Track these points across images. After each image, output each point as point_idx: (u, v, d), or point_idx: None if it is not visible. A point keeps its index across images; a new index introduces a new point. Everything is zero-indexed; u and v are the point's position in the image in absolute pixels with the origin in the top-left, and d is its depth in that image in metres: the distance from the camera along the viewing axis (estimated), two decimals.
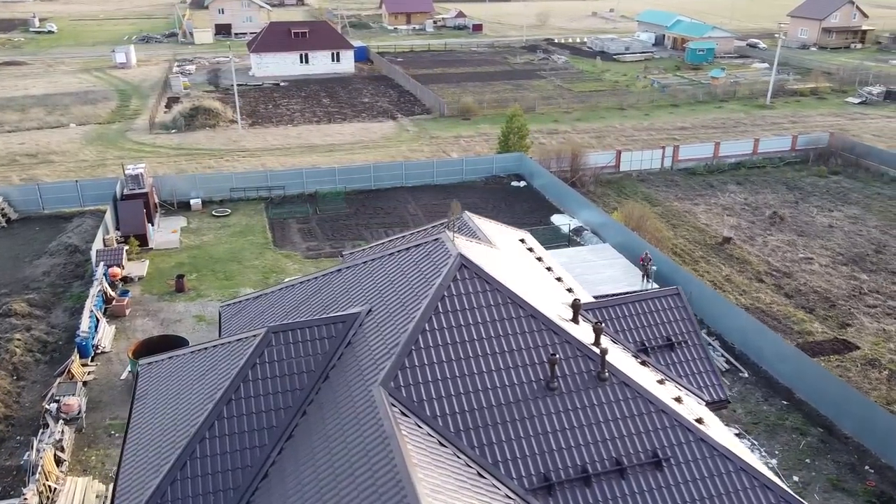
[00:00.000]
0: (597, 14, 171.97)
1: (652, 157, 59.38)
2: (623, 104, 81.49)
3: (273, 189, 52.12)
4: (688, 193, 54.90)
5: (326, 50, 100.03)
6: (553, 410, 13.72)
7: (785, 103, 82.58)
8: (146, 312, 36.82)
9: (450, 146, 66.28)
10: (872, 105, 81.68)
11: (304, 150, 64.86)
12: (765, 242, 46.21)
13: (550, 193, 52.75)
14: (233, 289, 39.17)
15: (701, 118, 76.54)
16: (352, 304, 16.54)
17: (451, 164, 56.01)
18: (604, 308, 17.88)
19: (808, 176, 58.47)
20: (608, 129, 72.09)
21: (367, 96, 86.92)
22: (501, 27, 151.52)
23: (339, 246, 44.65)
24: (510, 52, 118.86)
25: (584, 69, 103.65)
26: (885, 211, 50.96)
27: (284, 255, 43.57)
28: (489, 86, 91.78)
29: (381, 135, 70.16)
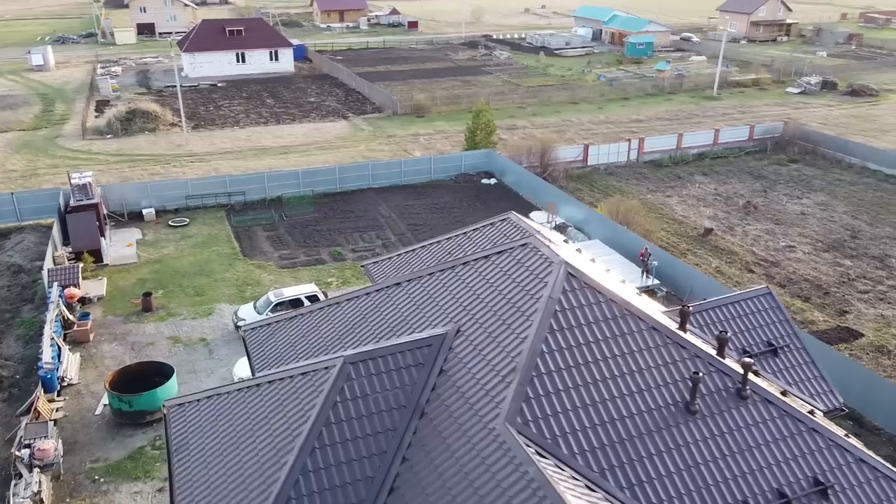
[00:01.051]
0: (529, 10, 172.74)
1: (619, 150, 58.82)
2: (575, 98, 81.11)
3: (233, 195, 48.64)
4: (658, 186, 54.50)
5: (264, 48, 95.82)
6: (699, 437, 11.95)
7: (730, 94, 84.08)
8: (113, 336, 33.14)
9: (410, 145, 63.99)
10: (811, 94, 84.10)
11: (257, 153, 61.26)
12: (745, 232, 46.08)
13: (525, 190, 51.28)
14: (206, 305, 35.88)
15: (654, 110, 76.87)
16: (428, 323, 14.30)
17: (418, 164, 53.78)
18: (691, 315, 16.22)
19: (769, 165, 59.14)
20: (566, 124, 71.36)
21: (312, 95, 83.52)
22: (436, 24, 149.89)
23: (313, 253, 41.88)
24: (451, 49, 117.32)
25: (528, 64, 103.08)
26: (850, 197, 51.84)
27: (256, 265, 40.42)
28: (436, 82, 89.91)
29: (336, 134, 67.19)
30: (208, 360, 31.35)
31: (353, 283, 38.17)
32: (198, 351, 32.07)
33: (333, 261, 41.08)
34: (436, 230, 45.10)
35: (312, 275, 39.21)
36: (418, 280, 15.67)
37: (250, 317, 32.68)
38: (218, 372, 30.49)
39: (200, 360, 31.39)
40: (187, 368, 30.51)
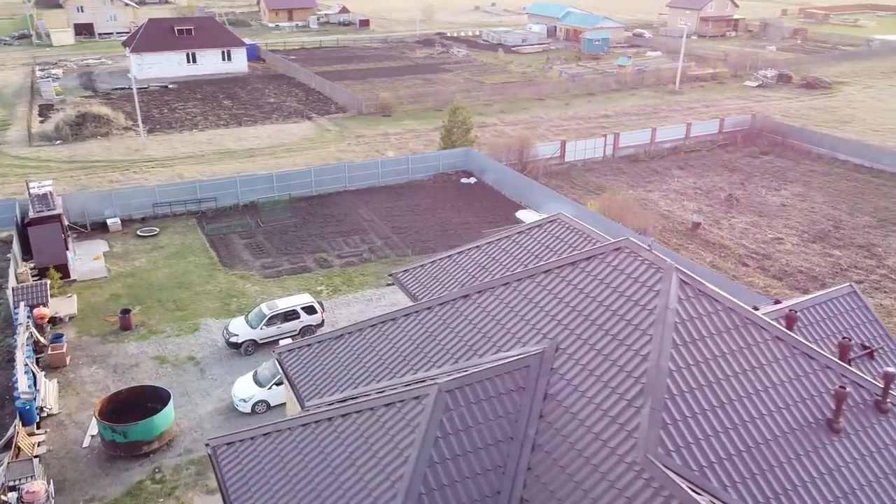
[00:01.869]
0: (479, 8, 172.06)
1: (595, 145, 58.26)
2: (540, 95, 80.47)
3: (203, 202, 45.96)
4: (637, 181, 54.10)
5: (216, 48, 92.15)
6: (848, 459, 10.80)
7: (691, 89, 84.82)
8: (91, 359, 30.46)
9: (381, 145, 62.09)
10: (769, 88, 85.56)
11: (222, 157, 58.41)
12: (731, 225, 45.94)
13: (508, 188, 50.09)
14: (190, 320, 33.45)
15: (620, 105, 76.84)
16: (515, 340, 12.79)
17: (396, 164, 52.00)
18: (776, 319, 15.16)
19: (741, 157, 59.49)
20: (535, 120, 70.56)
21: (271, 96, 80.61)
22: (388, 22, 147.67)
23: (297, 261, 39.75)
24: (407, 47, 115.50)
25: (487, 61, 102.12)
26: (825, 188, 52.41)
27: (238, 275, 38.05)
28: (397, 81, 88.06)
29: (302, 136, 64.75)
30: (201, 381, 29.05)
31: (344, 292, 36.29)
32: (188, 371, 29.71)
33: (320, 268, 39.04)
34: (423, 233, 43.54)
35: (300, 284, 37.11)
36: (491, 291, 14.13)
37: (243, 332, 30.52)
38: (214, 393, 28.24)
39: (192, 381, 29.07)
40: (179, 391, 28.17)
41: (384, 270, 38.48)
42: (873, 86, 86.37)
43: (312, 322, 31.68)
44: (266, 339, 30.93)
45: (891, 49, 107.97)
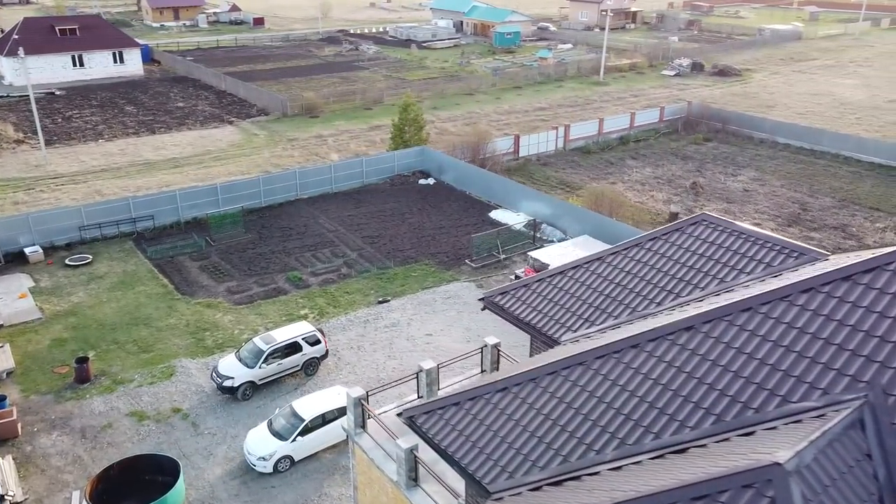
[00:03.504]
0: (375, 5, 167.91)
1: (547, 138, 56.35)
2: (468, 89, 78.05)
3: (139, 221, 39.99)
4: (597, 173, 52.62)
5: (106, 49, 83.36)
6: None
7: (614, 79, 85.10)
8: (49, 424, 24.76)
9: (320, 148, 57.36)
10: (685, 76, 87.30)
11: (141, 169, 51.81)
12: None
13: (473, 187, 47.07)
14: (160, 363, 28.21)
15: (551, 97, 75.66)
16: (796, 393, 9.77)
17: (349, 167, 47.71)
18: None
19: (687, 145, 59.45)
20: (471, 115, 67.95)
21: (179, 100, 73.46)
22: (283, 20, 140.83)
23: (266, 282, 34.97)
24: (312, 45, 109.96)
25: (401, 58, 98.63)
26: (777, 171, 52.94)
27: (204, 304, 32.85)
28: (313, 80, 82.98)
29: (228, 142, 58.88)
30: (197, 438, 24.16)
31: (332, 314, 32.05)
32: (176, 427, 24.69)
33: (296, 288, 34.47)
34: (398, 241, 39.79)
35: (280, 309, 32.49)
36: (695, 330, 11.01)
37: (238, 373, 25.80)
38: (218, 452, 23.48)
39: (186, 438, 24.12)
40: (173, 453, 23.18)
41: (369, 286, 34.57)
42: (778, 72, 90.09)
43: (316, 354, 27.39)
44: (265, 378, 26.37)
45: (780, 37, 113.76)
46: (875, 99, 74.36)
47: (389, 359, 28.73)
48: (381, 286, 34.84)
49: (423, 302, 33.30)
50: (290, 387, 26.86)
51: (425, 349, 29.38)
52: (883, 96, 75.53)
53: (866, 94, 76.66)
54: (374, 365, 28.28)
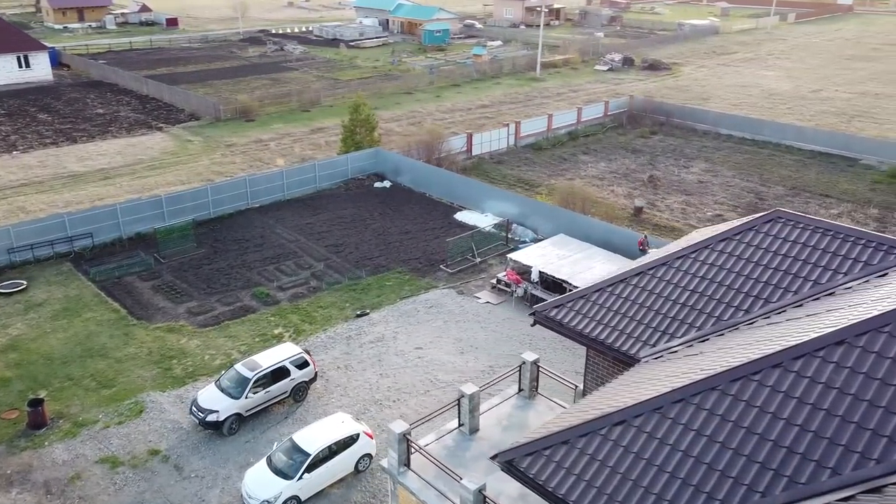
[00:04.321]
0: (293, 4, 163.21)
1: (499, 136, 55.27)
2: (406, 88, 76.22)
3: (76, 239, 36.26)
4: (552, 169, 51.91)
5: (9, 53, 76.83)
6: None
7: (550, 75, 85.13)
8: (6, 480, 21.50)
9: (261, 153, 54.25)
10: (618, 71, 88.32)
11: (68, 182, 47.44)
12: (667, 206, 45.09)
13: (432, 189, 45.35)
14: (125, 399, 25.24)
15: (491, 95, 74.79)
16: None
17: (301, 173, 45.04)
18: None
19: (634, 138, 59.67)
20: (415, 114, 66.18)
21: (97, 106, 68.35)
22: (197, 21, 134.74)
23: (230, 300, 32.23)
24: (234, 46, 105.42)
25: (330, 57, 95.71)
26: (726, 162, 53.66)
27: (165, 329, 29.83)
28: (241, 82, 79.17)
29: (161, 150, 54.89)
30: (184, 483, 21.49)
31: (309, 332, 29.72)
32: (158, 472, 21.92)
33: (264, 305, 31.87)
34: (364, 249, 37.67)
35: (250, 329, 29.88)
36: (849, 344, 9.82)
37: (223, 405, 23.24)
38: (211, 498, 20.92)
39: (171, 485, 21.42)
40: (159, 503, 20.52)
41: (343, 299, 32.40)
42: (705, 65, 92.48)
43: (305, 378, 25.09)
44: (253, 409, 23.89)
45: (699, 32, 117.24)
46: (800, 89, 77.18)
47: (381, 377, 26.72)
48: (355, 298, 32.69)
49: (404, 313, 31.38)
50: (279, 416, 24.47)
51: (418, 364, 27.52)
52: (806, 87, 78.52)
53: (791, 85, 79.52)
54: (366, 385, 26.20)
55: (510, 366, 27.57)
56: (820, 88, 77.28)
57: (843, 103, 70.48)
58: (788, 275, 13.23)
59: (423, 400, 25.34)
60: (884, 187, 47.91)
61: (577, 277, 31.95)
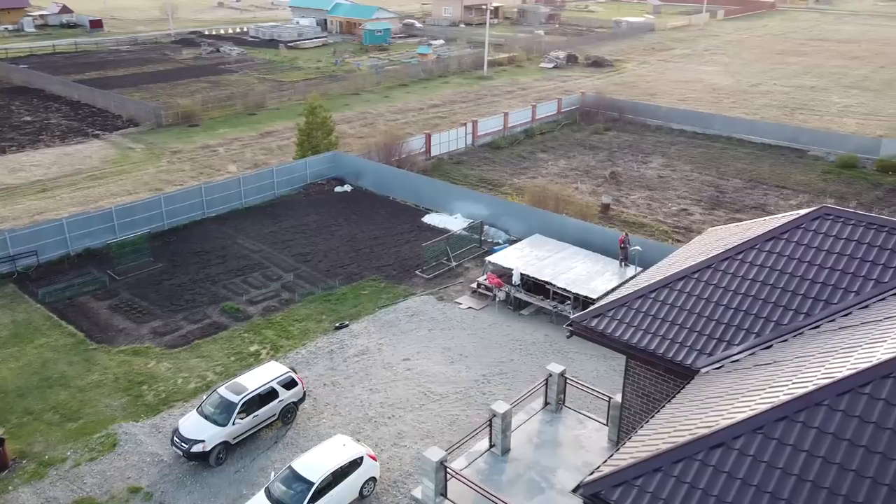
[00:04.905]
0: (223, 4, 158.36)
1: (457, 135, 54.39)
2: (353, 89, 74.47)
3: (18, 258, 33.44)
4: (513, 168, 51.35)
5: None
6: None
7: (497, 73, 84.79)
8: None
9: (210, 160, 51.78)
10: (563, 68, 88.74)
11: (1, 196, 44.00)
12: (632, 202, 45.10)
13: (398, 191, 44.04)
14: (94, 433, 23.16)
15: (441, 94, 73.87)
16: None
17: (258, 180, 42.98)
18: None
19: (589, 135, 59.72)
20: (366, 115, 64.66)
21: (24, 113, 64.16)
22: (123, 22, 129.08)
23: (197, 317, 30.26)
24: (166, 48, 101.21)
25: (271, 59, 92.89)
26: (682, 156, 54.21)
27: (130, 352, 27.67)
28: (178, 86, 75.85)
29: (101, 158, 51.72)
30: None
31: (288, 348, 28.11)
32: None
33: (235, 321, 30.01)
34: (334, 257, 36.15)
35: (224, 348, 28.03)
36: None
37: (209, 433, 21.49)
38: None
39: None
40: None
41: (319, 311, 30.88)
42: (646, 62, 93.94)
43: (294, 398, 23.53)
44: (241, 436, 22.20)
45: (635, 29, 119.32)
46: (740, 84, 79.15)
47: (372, 392, 25.38)
48: (331, 309, 31.17)
49: (386, 323, 30.06)
50: (269, 441, 22.84)
51: (408, 377, 26.28)
52: (746, 81, 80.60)
53: (731, 79, 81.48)
54: (356, 402, 24.81)
55: (504, 374, 26.84)
56: (759, 83, 79.46)
57: (783, 97, 72.57)
58: (846, 274, 12.71)
59: (420, 415, 24.14)
60: (834, 178, 49.25)
61: (561, 278, 31.34)
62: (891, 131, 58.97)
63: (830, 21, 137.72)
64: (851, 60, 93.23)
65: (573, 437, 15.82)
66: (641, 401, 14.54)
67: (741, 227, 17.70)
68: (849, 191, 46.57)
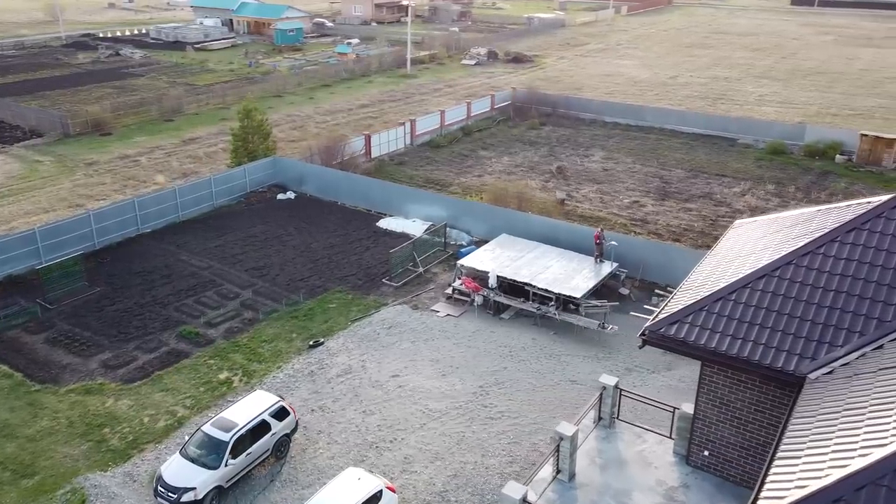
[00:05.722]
0: (114, 5, 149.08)
1: (396, 135, 52.61)
2: (273, 91, 71.15)
3: None
4: (457, 167, 50.14)
5: None
6: None
7: (420, 71, 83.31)
8: None
9: (134, 170, 47.75)
10: (485, 65, 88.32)
11: None
12: (584, 196, 44.80)
13: (345, 196, 41.84)
14: (58, 489, 20.23)
15: (367, 93, 71.73)
16: None
17: (195, 190, 39.72)
18: None
19: (527, 130, 59.29)
20: (293, 118, 61.74)
21: None
22: (5, 26, 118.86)
23: (151, 345, 27.33)
24: (58, 52, 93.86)
25: (177, 62, 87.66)
26: (621, 148, 54.49)
27: (81, 391, 24.50)
28: (80, 92, 70.28)
29: (5, 174, 46.70)
30: None
31: (262, 372, 25.74)
32: None
33: (197, 347, 27.25)
34: (292, 269, 33.78)
35: (190, 378, 25.31)
36: None
37: (199, 478, 19.07)
38: None
39: None
40: None
41: (287, 329, 28.62)
42: (564, 56, 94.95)
43: (286, 429, 21.31)
44: (234, 478, 19.81)
45: (547, 25, 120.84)
46: (658, 76, 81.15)
47: (366, 414, 23.43)
48: (301, 326, 28.90)
49: (364, 337, 28.10)
50: (264, 480, 20.53)
51: (401, 395, 24.49)
52: (663, 73, 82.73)
53: (649, 72, 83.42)
54: (352, 427, 22.82)
55: (501, 384, 25.44)
56: (676, 75, 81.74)
57: (702, 88, 74.86)
58: None
59: (423, 435, 22.44)
60: (767, 164, 50.79)
61: (539, 279, 30.34)
62: (808, 118, 61.74)
63: (725, 16, 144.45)
64: (754, 52, 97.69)
65: (636, 454, 14.67)
66: (718, 410, 13.57)
67: (777, 219, 17.10)
68: (784, 176, 48.09)
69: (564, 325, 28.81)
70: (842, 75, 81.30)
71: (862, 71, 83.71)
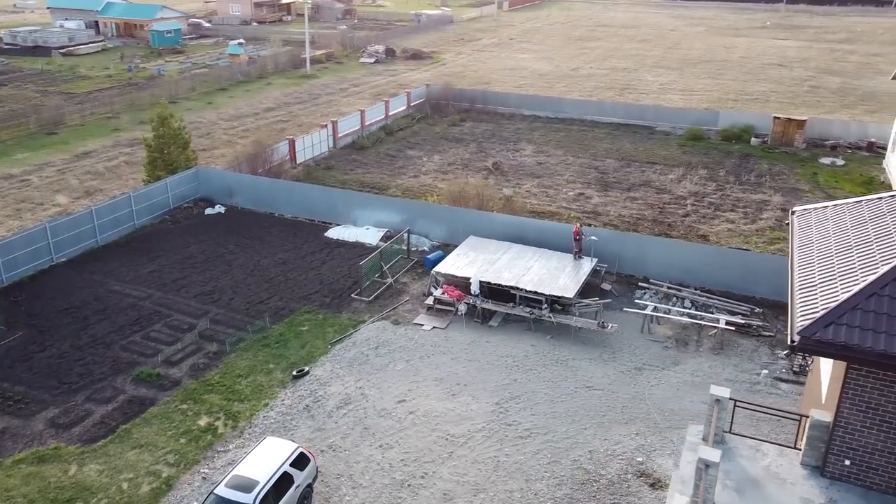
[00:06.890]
0: None
1: (319, 138, 49.41)
2: (168, 96, 65.32)
3: None
4: (389, 168, 47.78)
5: None
6: None
7: (319, 71, 79.60)
8: None
9: (26, 191, 41.77)
10: (384, 62, 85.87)
11: None
12: (528, 192, 43.82)
13: (283, 207, 38.45)
14: None
15: (270, 96, 67.49)
16: None
17: (113, 210, 34.83)
18: None
19: (448, 127, 57.66)
20: (196, 125, 56.43)
21: None
22: None
23: (108, 395, 23.50)
24: None
25: (43, 68, 78.92)
26: (548, 142, 53.88)
27: (35, 458, 20.34)
28: None
29: None
30: None
31: (247, 412, 22.66)
32: None
33: (161, 390, 23.55)
34: (246, 292, 30.54)
35: (164, 429, 21.72)
36: None
37: None
38: None
39: None
40: None
41: (262, 360, 25.58)
42: (462, 52, 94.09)
43: (309, 478, 18.50)
44: None
45: (436, 22, 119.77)
46: (561, 69, 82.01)
47: (384, 449, 20.91)
48: (276, 355, 25.78)
49: (352, 361, 25.41)
50: None
51: (415, 422, 22.13)
52: (564, 66, 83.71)
53: (550, 65, 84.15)
54: (373, 465, 20.24)
55: (517, 398, 23.59)
56: (577, 67, 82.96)
57: (606, 79, 76.30)
58: None
59: (455, 465, 20.28)
60: (690, 149, 52.01)
61: (525, 281, 28.86)
62: (712, 104, 64.14)
63: (600, 10, 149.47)
64: (641, 43, 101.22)
65: (764, 471, 13.40)
66: (864, 416, 12.48)
67: (839, 206, 16.45)
68: (710, 161, 49.34)
69: (558, 327, 27.42)
70: (726, 63, 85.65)
71: (742, 59, 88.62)
